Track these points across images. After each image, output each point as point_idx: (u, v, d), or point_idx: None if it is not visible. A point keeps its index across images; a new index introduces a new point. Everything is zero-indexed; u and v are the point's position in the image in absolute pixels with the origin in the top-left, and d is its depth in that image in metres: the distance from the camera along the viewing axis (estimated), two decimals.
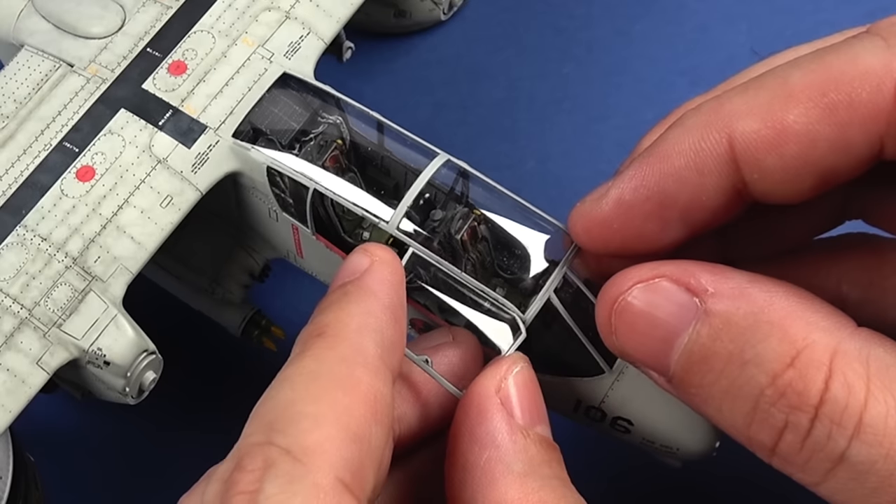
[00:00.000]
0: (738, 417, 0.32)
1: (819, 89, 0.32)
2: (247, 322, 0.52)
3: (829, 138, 0.32)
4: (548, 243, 0.40)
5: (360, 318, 0.34)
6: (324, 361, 0.32)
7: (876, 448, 0.30)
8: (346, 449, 0.30)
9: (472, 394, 0.35)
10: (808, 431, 0.31)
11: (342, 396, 0.31)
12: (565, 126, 0.58)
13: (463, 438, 0.34)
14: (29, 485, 0.45)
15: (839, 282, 0.39)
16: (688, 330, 0.33)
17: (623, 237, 0.36)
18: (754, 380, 0.32)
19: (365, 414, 0.31)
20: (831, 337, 0.31)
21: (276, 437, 0.30)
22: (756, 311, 0.32)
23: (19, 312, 0.41)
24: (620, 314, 0.35)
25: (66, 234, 0.42)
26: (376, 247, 0.36)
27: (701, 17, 0.61)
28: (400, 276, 0.36)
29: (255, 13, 0.47)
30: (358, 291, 0.35)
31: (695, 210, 0.35)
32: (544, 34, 0.62)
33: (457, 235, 0.40)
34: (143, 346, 0.41)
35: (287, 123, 0.44)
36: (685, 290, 0.34)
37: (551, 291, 0.39)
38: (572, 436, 0.38)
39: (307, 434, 0.30)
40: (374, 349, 0.33)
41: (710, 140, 0.34)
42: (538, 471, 0.33)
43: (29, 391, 0.40)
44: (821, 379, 0.31)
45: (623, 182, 0.36)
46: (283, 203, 0.44)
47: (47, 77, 0.46)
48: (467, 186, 0.41)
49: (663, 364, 0.34)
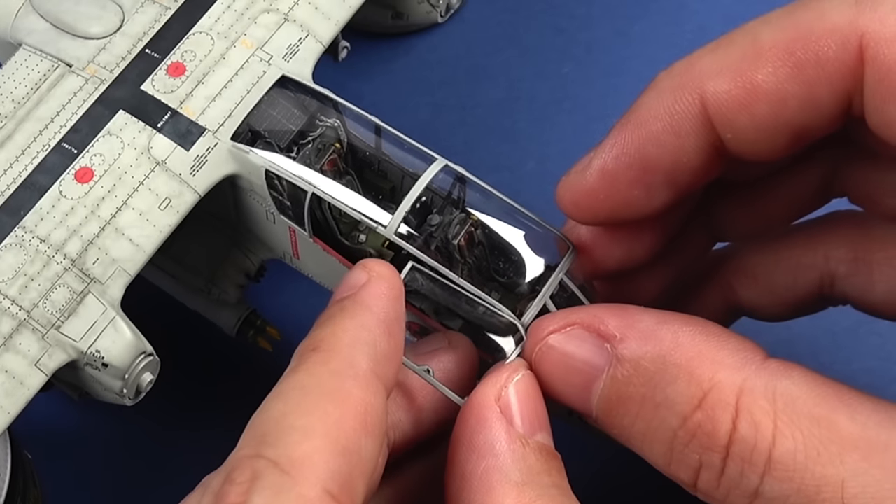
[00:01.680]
0: (658, 457, 0.33)
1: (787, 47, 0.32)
2: (242, 322, 0.52)
3: (798, 96, 0.32)
4: (544, 248, 0.40)
5: (354, 333, 0.34)
6: (316, 375, 0.33)
7: (787, 483, 0.30)
8: (335, 461, 0.30)
9: (472, 403, 0.35)
10: (721, 470, 0.31)
11: (332, 409, 0.31)
12: (565, 126, 0.58)
13: (461, 448, 0.35)
14: (27, 482, 0.46)
15: (826, 258, 0.40)
16: (602, 376, 0.34)
17: (611, 206, 0.37)
18: (666, 422, 0.32)
19: (355, 426, 0.31)
20: (737, 375, 0.32)
21: (265, 450, 0.30)
22: (664, 354, 0.33)
23: (18, 314, 0.41)
24: (539, 364, 0.36)
25: (65, 236, 0.42)
26: (375, 262, 0.36)
27: (701, 17, 0.61)
28: (397, 290, 0.36)
29: (254, 15, 0.47)
30: (353, 306, 0.35)
31: (678, 172, 0.35)
32: (544, 34, 0.62)
33: (454, 240, 0.40)
34: (141, 349, 0.42)
35: (285, 126, 0.44)
36: (596, 337, 0.34)
37: (548, 297, 0.39)
38: (578, 443, 0.38)
39: (295, 446, 0.30)
40: (366, 363, 0.33)
41: (683, 102, 0.34)
42: (537, 480, 0.33)
43: (27, 393, 0.40)
44: (728, 419, 0.31)
45: (604, 151, 0.36)
46: (280, 206, 0.44)
47: (45, 77, 0.46)
48: (464, 191, 0.41)
49: (586, 407, 0.35)
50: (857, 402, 0.31)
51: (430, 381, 0.37)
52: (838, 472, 0.30)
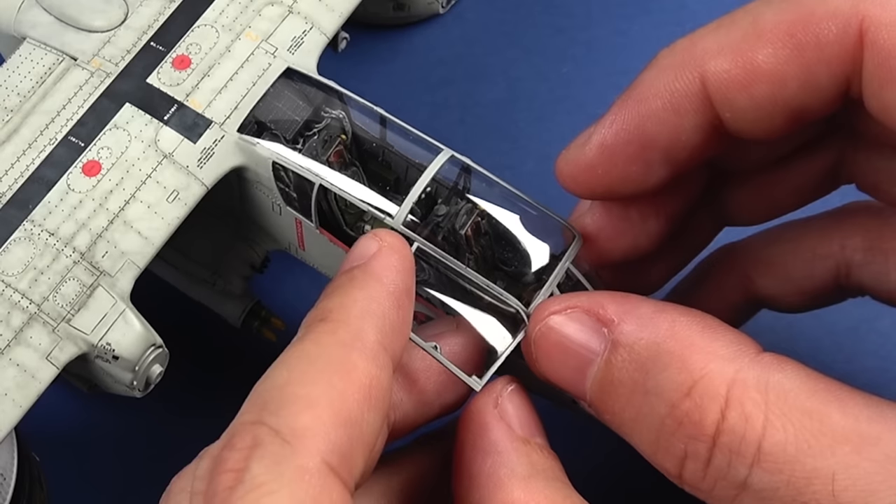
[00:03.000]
0: (646, 445, 0.33)
1: (788, 29, 0.32)
2: (247, 313, 0.52)
3: (798, 78, 0.33)
4: (550, 237, 0.40)
5: (363, 304, 0.34)
6: (322, 345, 0.32)
7: (777, 475, 0.30)
8: (336, 433, 0.30)
9: (472, 411, 0.36)
10: (707, 460, 0.31)
11: (337, 380, 0.31)
12: (565, 126, 0.58)
13: (467, 450, 0.35)
14: (33, 484, 0.45)
15: (842, 247, 0.40)
16: (597, 359, 0.34)
17: (609, 181, 0.37)
18: (655, 409, 0.32)
19: (358, 399, 0.31)
20: (730, 366, 0.32)
21: (267, 418, 0.30)
22: (658, 342, 0.33)
23: (28, 307, 0.41)
24: (538, 344, 0.36)
25: (74, 229, 0.42)
26: (386, 233, 0.36)
27: (701, 17, 0.60)
28: (408, 262, 0.36)
29: (258, 8, 0.47)
30: (363, 276, 0.35)
31: (676, 149, 0.36)
32: (544, 34, 0.62)
33: (461, 230, 0.40)
34: (151, 341, 0.42)
35: (291, 118, 0.44)
36: (595, 321, 0.35)
37: (554, 286, 0.39)
38: (571, 444, 0.39)
39: (297, 416, 0.30)
40: (374, 334, 0.33)
41: (683, 80, 0.34)
42: (542, 473, 0.34)
43: (39, 386, 0.40)
44: (717, 409, 0.31)
45: (604, 127, 0.36)
46: (287, 197, 0.45)
47: (51, 70, 0.46)
48: (469, 181, 0.42)
49: (580, 390, 0.35)
50: (848, 397, 0.31)
51: (438, 357, 0.37)
52: (829, 465, 0.30)
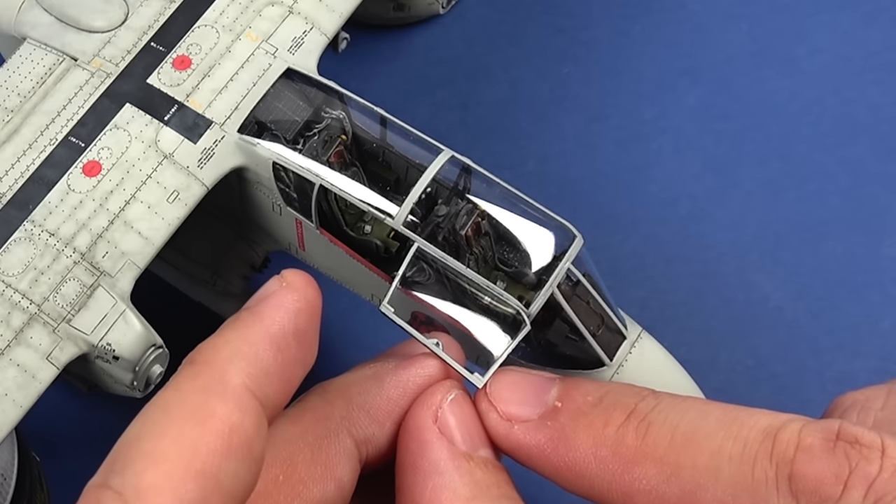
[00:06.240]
0: None
1: None
2: None
3: None
4: (550, 238, 0.40)
5: (234, 345, 0.31)
6: (182, 391, 0.30)
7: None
8: (185, 488, 0.28)
9: (409, 427, 0.35)
10: None
11: (190, 430, 0.29)
12: (565, 126, 0.58)
13: (407, 472, 0.34)
14: (34, 485, 0.45)
15: None
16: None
17: None
18: None
19: (215, 448, 0.29)
20: None
21: (112, 479, 0.29)
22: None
23: (28, 308, 0.41)
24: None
25: (74, 230, 0.42)
26: (291, 273, 0.34)
27: (701, 17, 0.61)
28: (305, 302, 0.33)
29: (259, 8, 0.47)
30: (247, 317, 0.32)
31: None
32: (544, 34, 0.62)
33: (461, 231, 0.40)
34: (152, 341, 0.42)
35: (291, 118, 0.44)
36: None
37: (555, 286, 0.39)
38: None
39: (142, 474, 0.28)
40: (239, 377, 0.31)
41: None
42: (486, 492, 0.33)
43: (39, 386, 0.40)
44: None
45: None
46: (287, 198, 0.45)
47: (51, 71, 0.46)
48: (470, 181, 0.42)
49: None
50: None
51: (440, 354, 0.37)
52: None
